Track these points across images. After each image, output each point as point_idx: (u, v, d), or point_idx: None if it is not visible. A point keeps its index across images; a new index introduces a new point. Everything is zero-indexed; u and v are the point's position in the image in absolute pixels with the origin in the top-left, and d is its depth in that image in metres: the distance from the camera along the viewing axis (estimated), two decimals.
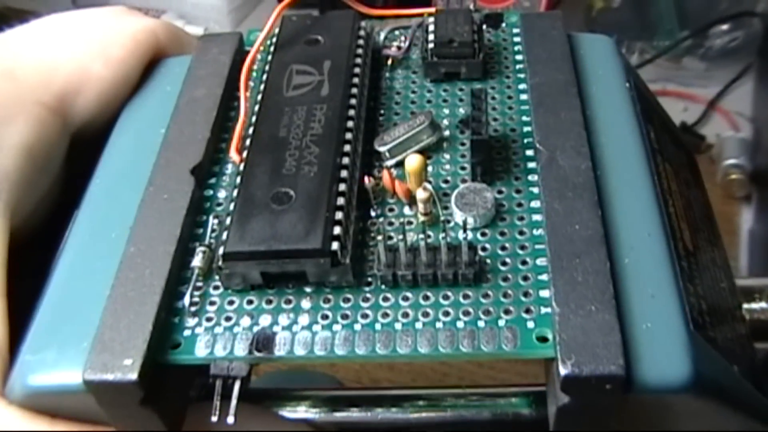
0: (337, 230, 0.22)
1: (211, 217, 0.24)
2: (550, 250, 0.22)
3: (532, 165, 0.25)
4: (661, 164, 0.27)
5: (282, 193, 0.23)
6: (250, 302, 0.22)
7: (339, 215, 0.22)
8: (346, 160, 0.24)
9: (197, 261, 0.23)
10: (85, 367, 0.21)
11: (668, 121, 0.32)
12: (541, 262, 0.22)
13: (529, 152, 0.25)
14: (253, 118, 0.26)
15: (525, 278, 0.22)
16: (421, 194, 0.23)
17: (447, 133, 0.26)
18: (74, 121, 0.28)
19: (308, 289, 0.22)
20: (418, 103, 0.28)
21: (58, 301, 0.23)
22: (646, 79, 0.32)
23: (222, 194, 0.25)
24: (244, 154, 0.25)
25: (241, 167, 0.24)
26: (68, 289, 0.23)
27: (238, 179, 0.24)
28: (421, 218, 0.24)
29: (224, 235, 0.22)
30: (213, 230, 0.24)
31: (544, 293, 0.21)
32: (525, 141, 0.26)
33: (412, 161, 0.24)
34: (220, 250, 0.22)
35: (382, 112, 0.28)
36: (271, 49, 0.28)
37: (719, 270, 0.27)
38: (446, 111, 0.27)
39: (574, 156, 0.24)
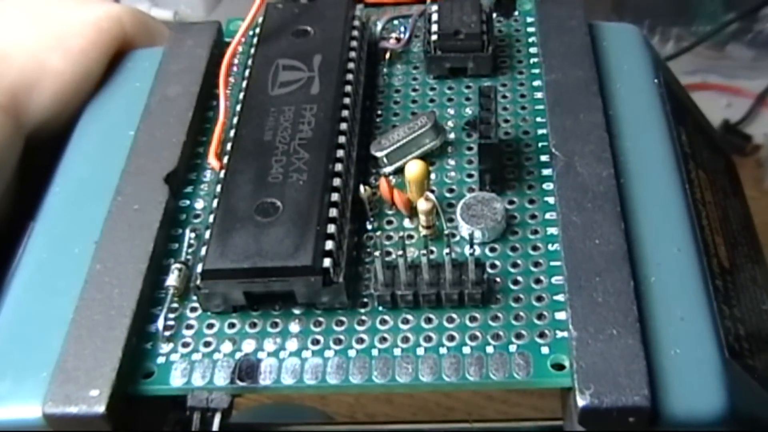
0: (329, 245, 0.23)
1: (187, 231, 0.25)
2: (566, 268, 0.23)
3: (547, 172, 0.26)
4: (693, 171, 0.28)
5: (267, 204, 0.24)
6: (231, 326, 0.23)
7: (331, 228, 0.23)
8: (339, 167, 0.25)
9: (172, 280, 0.24)
10: (45, 400, 0.21)
11: (703, 122, 0.33)
12: (556, 280, 0.23)
13: (544, 158, 0.26)
14: (235, 120, 0.27)
15: (539, 299, 0.23)
16: (422, 205, 0.24)
17: (452, 136, 0.27)
18: (29, 121, 0.29)
19: (297, 311, 0.23)
20: (419, 103, 0.29)
21: (13, 325, 0.24)
22: (684, 70, 0.33)
23: (200, 205, 0.26)
24: (225, 160, 0.26)
25: (222, 175, 0.25)
26: (24, 312, 0.24)
27: (218, 188, 0.25)
28: (423, 232, 0.25)
29: (203, 251, 0.23)
30: (190, 245, 0.25)
31: (560, 315, 0.22)
32: (539, 145, 0.27)
33: (413, 168, 0.25)
34: (198, 268, 0.23)
35: (379, 112, 0.29)
36: (254, 41, 0.29)
37: (761, 290, 0.28)
38: (451, 111, 0.28)
39: (594, 162, 0.25)
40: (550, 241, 0.24)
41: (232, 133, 0.26)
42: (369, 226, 0.25)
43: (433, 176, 0.26)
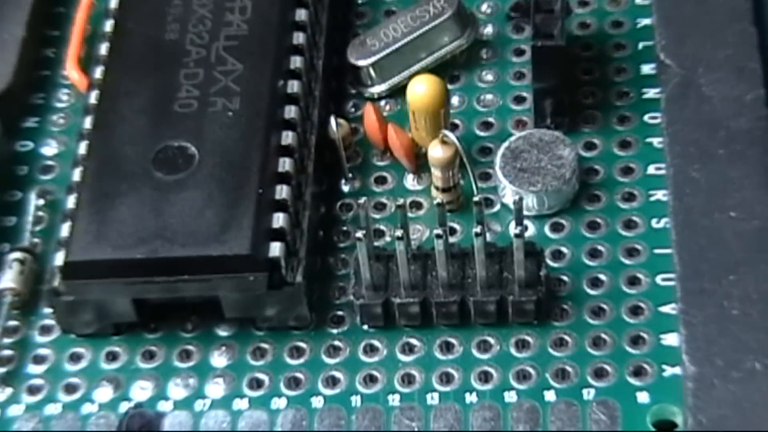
0: (278, 221, 0.24)
1: (32, 195, 0.27)
2: (680, 259, 0.24)
3: (651, 94, 0.28)
4: None
5: (174, 151, 0.25)
6: (112, 357, 0.25)
7: (283, 192, 0.25)
8: (294, 87, 0.26)
9: (8, 279, 0.26)
10: None
11: None
12: (663, 280, 0.25)
13: (647, 69, 0.28)
14: (112, 4, 0.28)
15: (634, 311, 0.25)
16: (437, 151, 0.26)
17: (488, 31, 0.29)
18: None
19: (224, 333, 0.25)
20: None
21: None
22: None
23: (52, 149, 0.28)
24: (98, 72, 0.27)
25: (93, 99, 0.27)
26: None
27: (87, 122, 0.26)
28: (438, 197, 0.26)
29: (64, 230, 0.25)
30: (38, 220, 0.27)
31: (669, 339, 0.24)
32: (639, 47, 0.29)
33: (422, 88, 0.26)
34: (57, 259, 0.25)
35: None
36: None
37: None
38: None
39: (732, 78, 0.26)
40: (655, 214, 0.26)
41: (108, 25, 0.28)
42: (346, 188, 0.27)
43: (455, 101, 0.28)
